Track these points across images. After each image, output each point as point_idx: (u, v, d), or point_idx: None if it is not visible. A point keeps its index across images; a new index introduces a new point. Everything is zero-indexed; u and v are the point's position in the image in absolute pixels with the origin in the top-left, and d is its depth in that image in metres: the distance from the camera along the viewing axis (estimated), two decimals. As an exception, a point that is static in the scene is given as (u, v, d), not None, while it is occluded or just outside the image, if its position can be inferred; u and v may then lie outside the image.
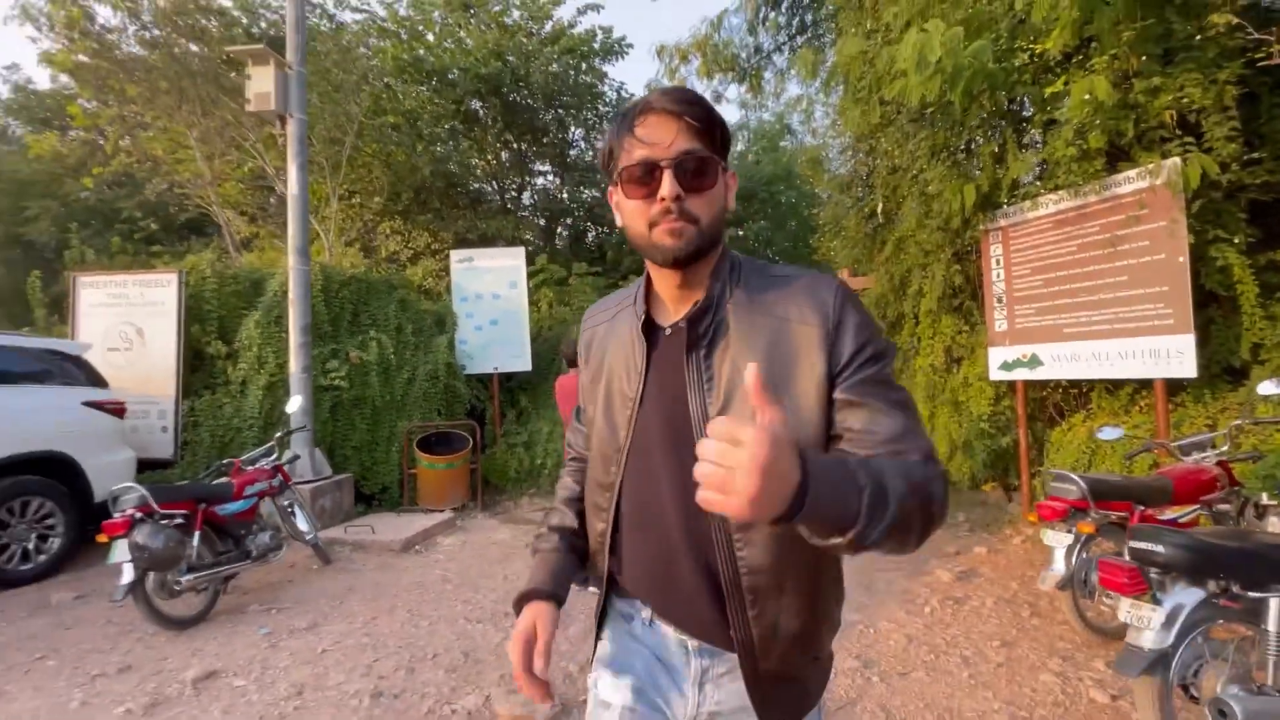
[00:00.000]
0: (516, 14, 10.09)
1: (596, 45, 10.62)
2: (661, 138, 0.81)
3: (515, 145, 10.75)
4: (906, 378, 6.60)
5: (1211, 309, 4.50)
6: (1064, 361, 4.84)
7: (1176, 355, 4.10)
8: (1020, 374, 5.17)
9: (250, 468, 4.00)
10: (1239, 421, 3.19)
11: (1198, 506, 3.02)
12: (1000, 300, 5.34)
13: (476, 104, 9.44)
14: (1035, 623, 3.24)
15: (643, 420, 0.91)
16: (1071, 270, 4.75)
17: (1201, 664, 1.90)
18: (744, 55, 7.79)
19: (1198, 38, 3.83)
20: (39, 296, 10.15)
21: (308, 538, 4.23)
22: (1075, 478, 2.91)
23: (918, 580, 4.06)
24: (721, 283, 0.88)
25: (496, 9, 9.75)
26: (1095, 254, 4.56)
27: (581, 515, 1.06)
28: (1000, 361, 5.33)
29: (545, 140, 10.79)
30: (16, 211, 13.45)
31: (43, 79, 14.45)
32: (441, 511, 5.67)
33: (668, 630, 0.92)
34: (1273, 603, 1.81)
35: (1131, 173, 4.28)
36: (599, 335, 1.02)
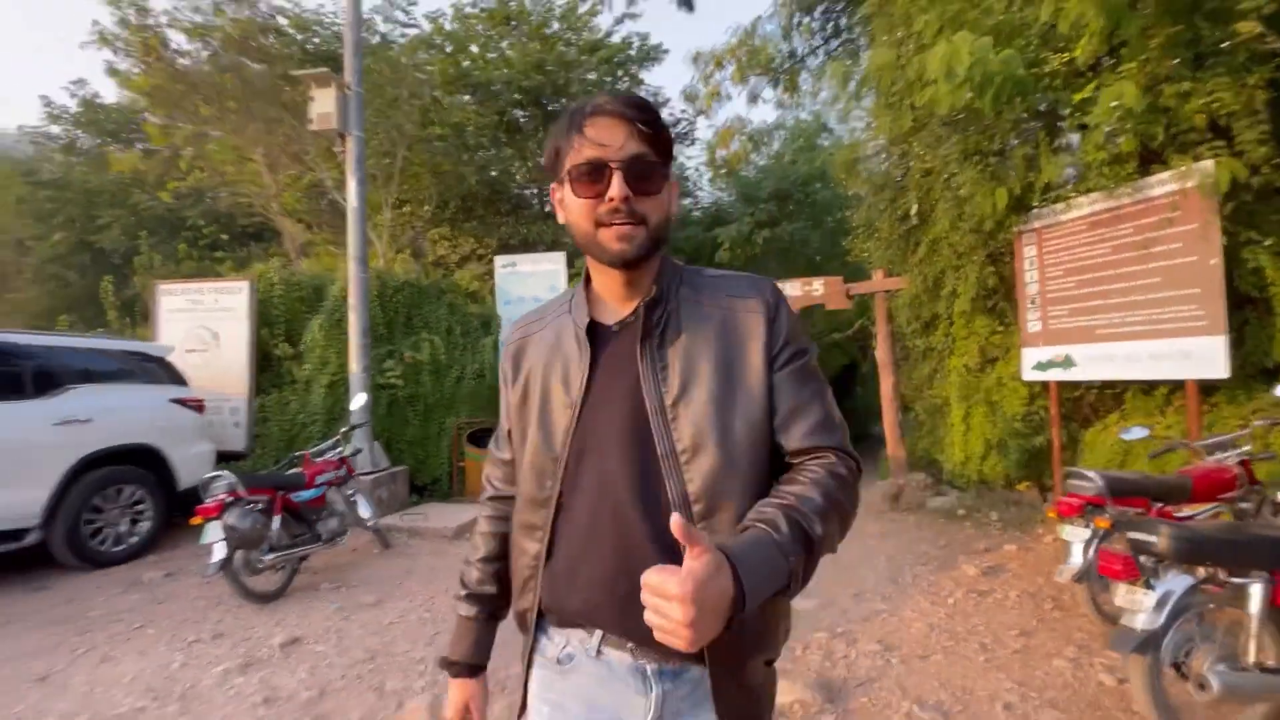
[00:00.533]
0: (556, 25, 10.43)
1: (633, 52, 10.89)
2: (612, 139, 0.82)
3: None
4: (940, 377, 6.66)
5: (1246, 311, 4.49)
6: (1097, 362, 4.87)
7: (1208, 357, 4.12)
8: (1054, 374, 5.21)
9: (319, 460, 4.40)
10: (1261, 422, 3.25)
11: (1216, 504, 3.10)
12: (1034, 301, 5.38)
13: (518, 113, 9.82)
14: (1056, 615, 3.35)
15: (588, 424, 0.88)
16: (1105, 272, 4.78)
17: (1193, 645, 2.04)
18: (778, 60, 7.93)
19: (1225, 44, 3.85)
20: (111, 300, 10.99)
21: (369, 524, 4.61)
22: (1092, 475, 3.02)
23: (945, 574, 4.19)
24: (667, 280, 0.90)
25: (536, 21, 10.10)
26: (1128, 256, 4.59)
27: (498, 577, 1.03)
28: (1034, 362, 5.38)
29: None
30: (89, 220, 14.41)
31: (108, 92, 15.35)
32: (487, 503, 6.04)
33: (621, 658, 0.86)
34: (1254, 588, 1.94)
35: (1164, 175, 4.31)
36: (527, 348, 0.98)
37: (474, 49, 9.94)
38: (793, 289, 7.59)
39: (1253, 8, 3.79)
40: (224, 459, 5.70)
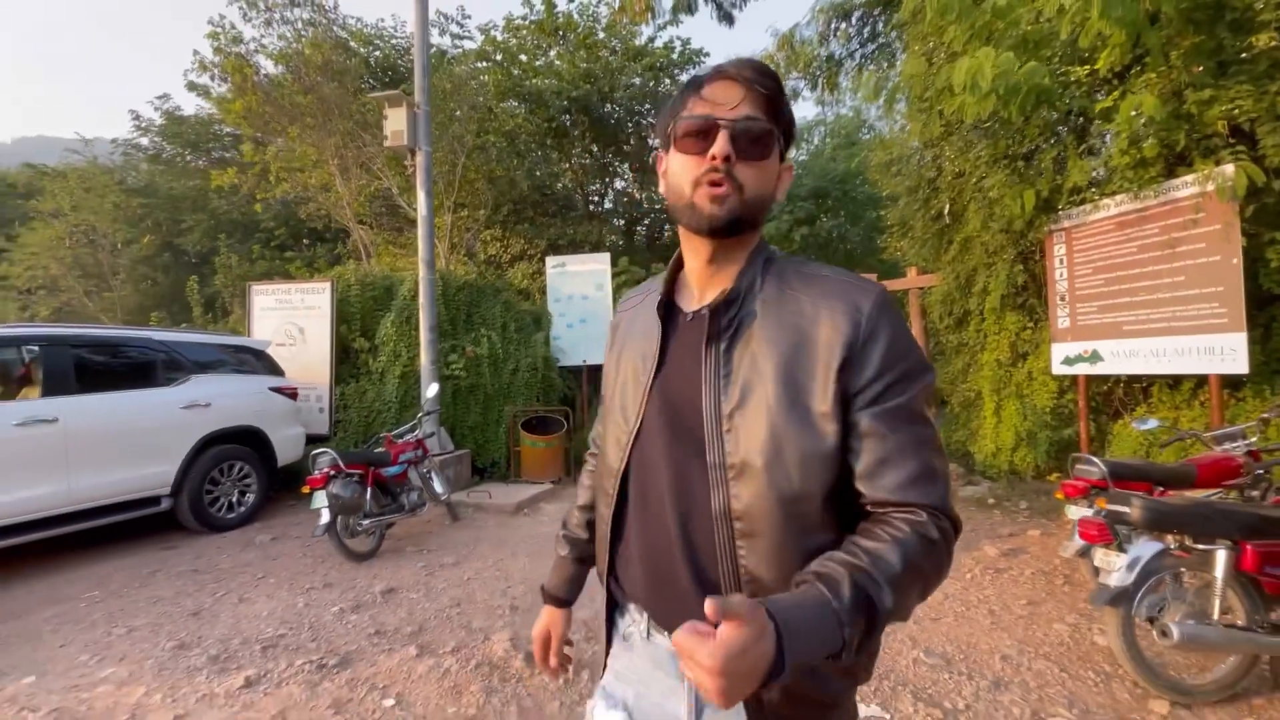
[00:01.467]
0: (601, 33, 10.90)
1: (675, 56, 11.27)
2: (726, 99, 0.79)
3: (599, 154, 11.62)
4: (973, 371, 6.88)
5: (1275, 307, 4.62)
6: (1123, 357, 5.07)
7: (1230, 352, 4.31)
8: (1081, 369, 5.41)
9: (399, 441, 5.01)
10: (1266, 415, 3.47)
11: (1220, 491, 3.34)
12: (1063, 298, 5.58)
13: (566, 119, 10.35)
14: (1065, 589, 3.66)
15: (654, 406, 0.88)
16: (1131, 270, 4.96)
17: (1166, 602, 2.37)
18: (816, 65, 8.19)
19: (1244, 55, 4.02)
20: (196, 297, 12.03)
21: (442, 498, 5.21)
22: (1096, 461, 3.31)
23: (966, 554, 4.48)
24: (752, 274, 0.84)
25: (582, 31, 10.59)
26: (1154, 255, 4.78)
27: (590, 525, 1.09)
28: (1063, 356, 5.58)
29: (626, 148, 11.59)
30: (174, 224, 15.61)
31: (188, 105, 16.53)
32: (541, 483, 6.59)
33: (663, 642, 0.88)
34: (1219, 554, 2.26)
35: (1188, 178, 4.48)
36: (625, 321, 1.01)
37: (523, 58, 10.49)
38: (829, 286, 7.90)
39: (1272, 19, 3.96)
40: (310, 441, 6.41)
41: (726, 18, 7.19)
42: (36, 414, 4.13)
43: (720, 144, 0.77)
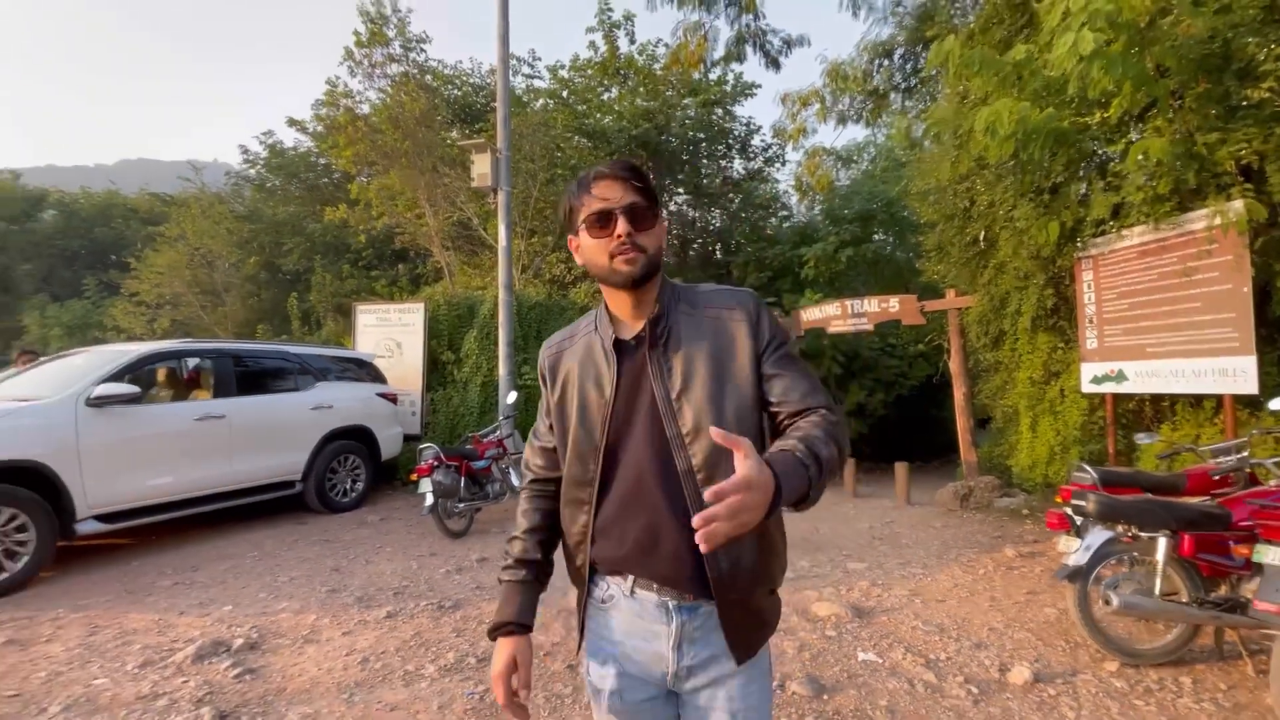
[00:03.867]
0: (660, 70, 11.76)
1: (729, 89, 12.00)
2: (614, 194, 1.04)
3: (657, 179, 12.45)
4: (1010, 388, 7.23)
5: (1286, 333, 4.90)
6: (1146, 377, 5.41)
7: (1241, 374, 4.65)
8: (1108, 388, 5.76)
9: (485, 440, 5.90)
10: (1256, 430, 3.85)
11: (1209, 499, 3.75)
12: (1091, 321, 5.95)
13: (626, 154, 11.25)
14: (1066, 585, 4.11)
15: (620, 417, 1.08)
16: (1153, 295, 5.33)
17: (1120, 580, 2.88)
18: (860, 99, 8.75)
19: (1250, 101, 4.39)
20: (295, 312, 13.48)
21: (518, 490, 6.06)
22: (1089, 468, 3.77)
23: (986, 555, 4.95)
24: (667, 298, 1.10)
25: (642, 70, 11.47)
26: (1173, 282, 5.14)
27: (542, 545, 1.19)
28: (1091, 376, 5.94)
29: (680, 175, 12.38)
30: (275, 246, 17.38)
31: (288, 139, 18.33)
32: (601, 484, 7.38)
33: (648, 596, 1.06)
34: (1160, 540, 2.76)
35: (1201, 212, 4.85)
36: (562, 359, 1.18)
37: (588, 98, 11.47)
38: (871, 305, 8.39)
39: (1274, 69, 4.33)
40: (406, 440, 7.43)
41: (773, 63, 7.88)
42: (211, 411, 5.23)
43: (621, 225, 1.03)
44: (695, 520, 0.73)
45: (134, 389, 4.69)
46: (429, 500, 4.96)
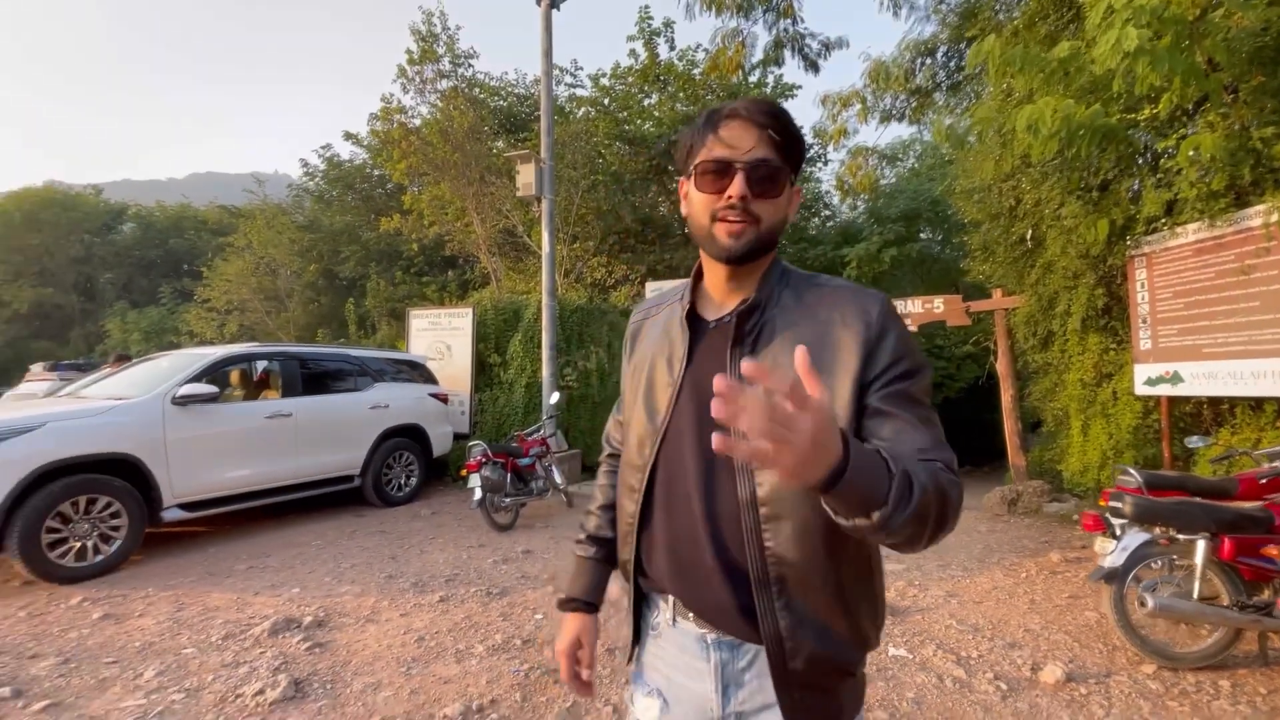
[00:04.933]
0: (698, 74, 11.89)
1: (769, 91, 12.03)
2: (741, 142, 0.86)
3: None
4: (1060, 390, 7.05)
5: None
6: (1203, 379, 5.24)
7: (1302, 376, 4.47)
8: (1162, 390, 5.59)
9: (529, 438, 6.16)
10: (1314, 435, 3.71)
11: (1261, 503, 3.64)
12: (1145, 321, 5.78)
13: (666, 159, 11.43)
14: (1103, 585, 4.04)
15: (682, 407, 0.93)
16: (1209, 295, 5.16)
17: (1159, 582, 2.87)
18: (903, 99, 8.67)
19: (1303, 95, 4.23)
20: (353, 316, 14.15)
21: (560, 487, 6.30)
22: (1134, 471, 3.71)
23: (1030, 559, 4.88)
24: (770, 285, 0.92)
25: (682, 74, 11.62)
26: (1230, 280, 4.97)
27: (614, 524, 1.08)
28: (1145, 378, 5.77)
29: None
30: (333, 254, 18.28)
31: (344, 151, 19.25)
32: (641, 483, 7.56)
33: (689, 626, 0.93)
34: (1199, 543, 2.74)
35: (1259, 208, 4.68)
36: (644, 328, 1.08)
37: (630, 104, 11.70)
38: (914, 306, 8.28)
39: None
40: (455, 438, 7.78)
41: (813, 66, 7.89)
42: (280, 410, 5.65)
43: (737, 185, 0.85)
44: (716, 397, 0.55)
45: (213, 389, 5.12)
46: (477, 495, 5.23)
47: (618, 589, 1.08)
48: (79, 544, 4.35)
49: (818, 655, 0.84)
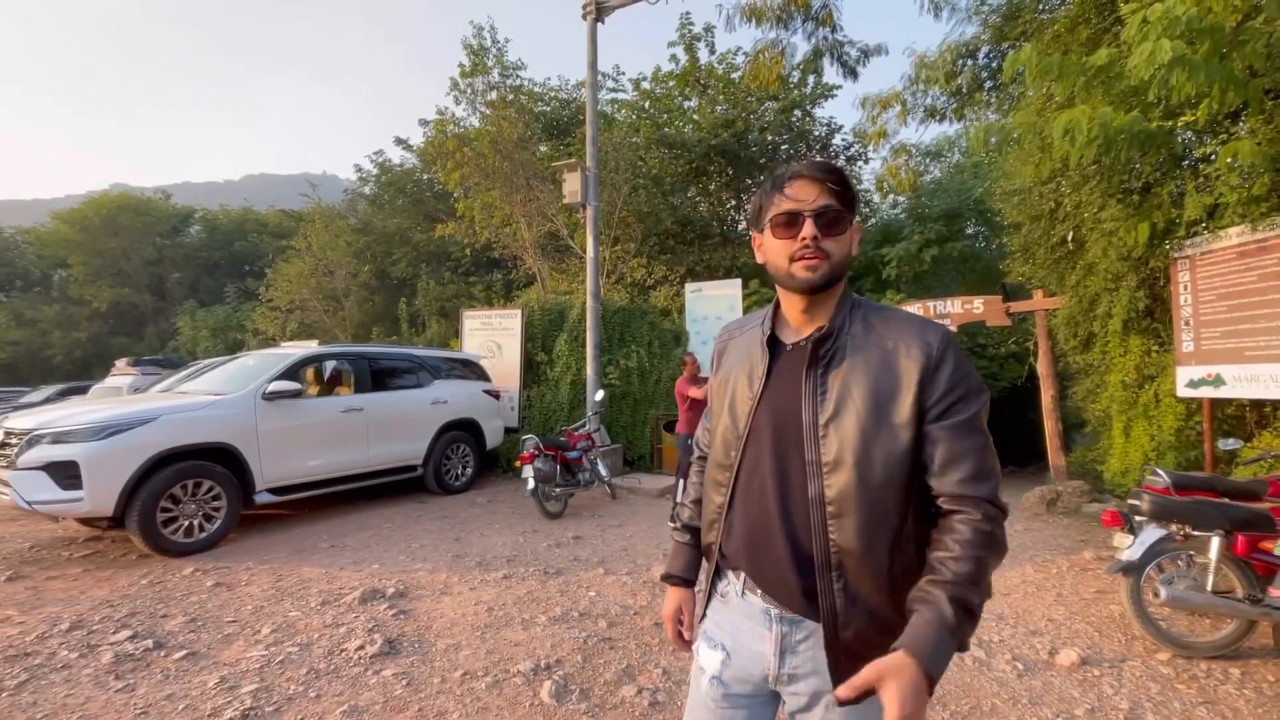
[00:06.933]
0: (736, 76, 12.09)
1: (807, 91, 12.14)
2: (806, 195, 1.03)
3: (734, 182, 12.81)
4: (1101, 391, 7.07)
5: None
6: (1245, 382, 5.26)
7: (1346, 380, 4.48)
8: (1205, 392, 5.62)
9: (576, 433, 6.56)
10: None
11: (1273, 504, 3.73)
12: (1187, 323, 5.79)
13: (706, 161, 11.70)
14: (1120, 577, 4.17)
15: (761, 417, 1.10)
16: (1252, 298, 5.18)
17: (1175, 576, 3.05)
18: (944, 100, 8.71)
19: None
20: (404, 315, 14.83)
21: (605, 480, 6.69)
22: (1162, 472, 3.84)
23: (1063, 557, 5.01)
24: (843, 315, 1.07)
25: (722, 78, 11.84)
26: (1273, 283, 4.99)
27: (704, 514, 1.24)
28: (1187, 380, 5.79)
29: (760, 178, 12.66)
30: (386, 255, 19.10)
31: (395, 156, 20.07)
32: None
33: (755, 600, 1.10)
34: (1213, 540, 2.91)
35: (1301, 213, 4.69)
36: (729, 347, 1.24)
37: (669, 108, 12.00)
38: (953, 306, 8.36)
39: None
40: (506, 432, 8.26)
41: (851, 73, 8.03)
42: (354, 404, 6.20)
43: (808, 228, 1.02)
44: None
45: (298, 385, 5.68)
46: (530, 484, 5.66)
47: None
48: (187, 522, 4.95)
49: (865, 630, 0.99)
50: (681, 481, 5.64)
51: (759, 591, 1.09)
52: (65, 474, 4.50)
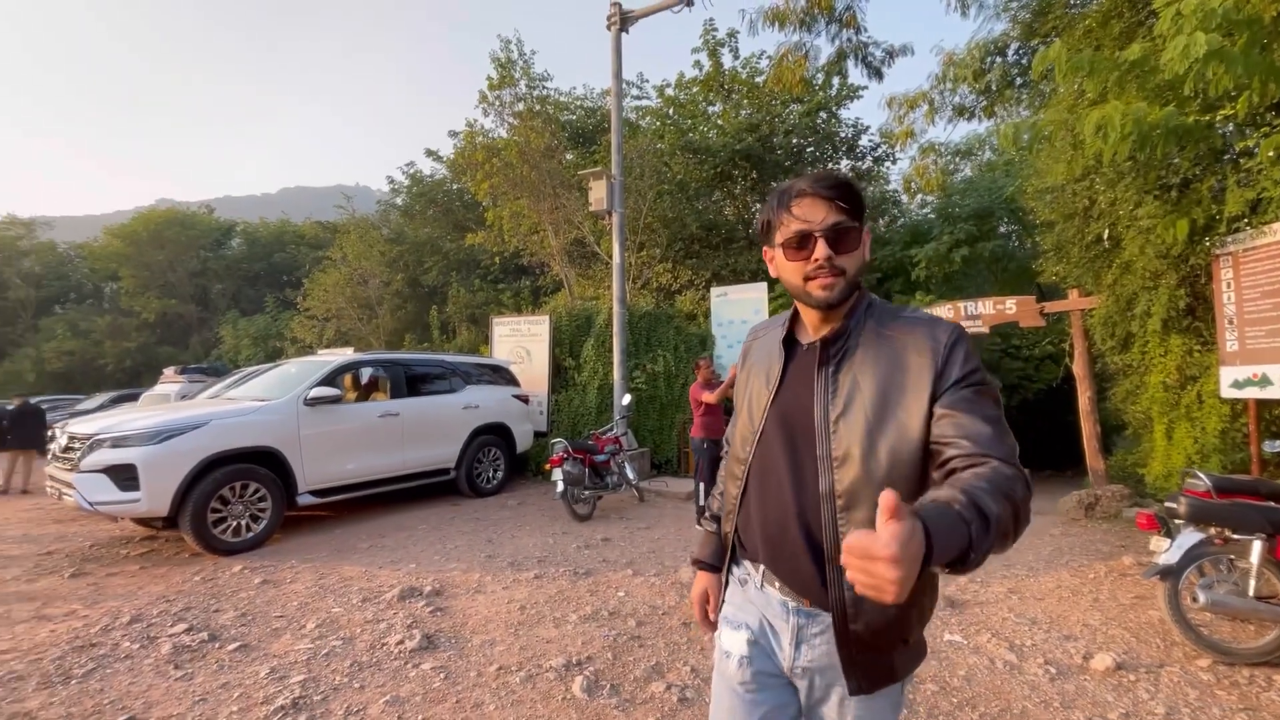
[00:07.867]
0: (760, 80, 12.11)
1: (832, 93, 12.09)
2: (814, 214, 1.03)
3: (760, 189, 12.80)
4: (1141, 392, 6.88)
5: None
6: (1293, 382, 5.08)
7: (1399, 379, 4.31)
8: (1250, 393, 5.44)
9: (604, 437, 6.66)
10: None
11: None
12: (1231, 322, 5.62)
13: (730, 165, 11.74)
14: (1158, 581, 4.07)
15: (776, 412, 1.13)
16: (1299, 295, 5.01)
17: (1216, 580, 2.99)
18: (973, 99, 8.61)
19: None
20: (436, 322, 15.15)
21: (632, 483, 6.77)
22: (1202, 475, 3.76)
23: (1101, 562, 4.89)
24: (857, 317, 1.08)
25: (746, 81, 11.87)
26: (1321, 281, 4.82)
27: None
28: (1231, 380, 5.61)
29: (786, 179, 12.63)
30: (418, 264, 19.54)
31: (425, 167, 20.54)
32: (708, 480, 7.94)
33: (773, 592, 1.13)
34: (1255, 543, 2.85)
35: (1351, 206, 4.54)
36: (754, 347, 1.29)
37: (694, 113, 12.07)
38: (985, 307, 8.22)
39: None
40: (535, 436, 8.41)
41: (876, 74, 8.00)
42: (390, 410, 6.40)
43: (820, 249, 1.02)
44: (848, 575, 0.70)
45: (338, 391, 5.91)
46: (560, 487, 5.77)
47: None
48: (235, 522, 5.19)
49: (876, 622, 1.01)
50: (701, 485, 5.68)
51: (777, 583, 1.12)
52: (124, 476, 4.76)
